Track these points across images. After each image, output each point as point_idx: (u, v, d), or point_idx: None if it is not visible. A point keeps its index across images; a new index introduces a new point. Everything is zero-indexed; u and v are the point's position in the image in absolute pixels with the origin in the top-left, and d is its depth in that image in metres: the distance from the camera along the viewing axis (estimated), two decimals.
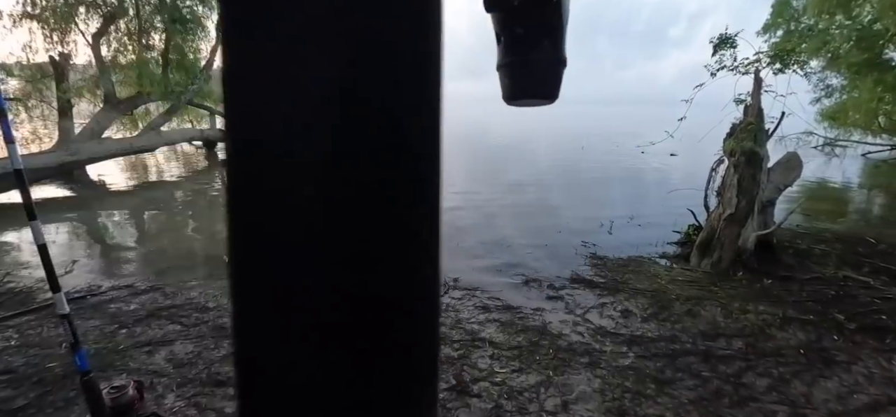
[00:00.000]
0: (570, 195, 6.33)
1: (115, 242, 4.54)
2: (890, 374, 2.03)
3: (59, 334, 2.51)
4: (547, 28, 0.22)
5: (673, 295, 2.91)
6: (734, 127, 3.52)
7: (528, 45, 0.23)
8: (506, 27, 0.23)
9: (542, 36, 0.22)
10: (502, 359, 2.24)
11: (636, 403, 1.90)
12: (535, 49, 0.23)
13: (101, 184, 7.53)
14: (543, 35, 0.22)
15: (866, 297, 2.74)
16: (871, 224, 4.50)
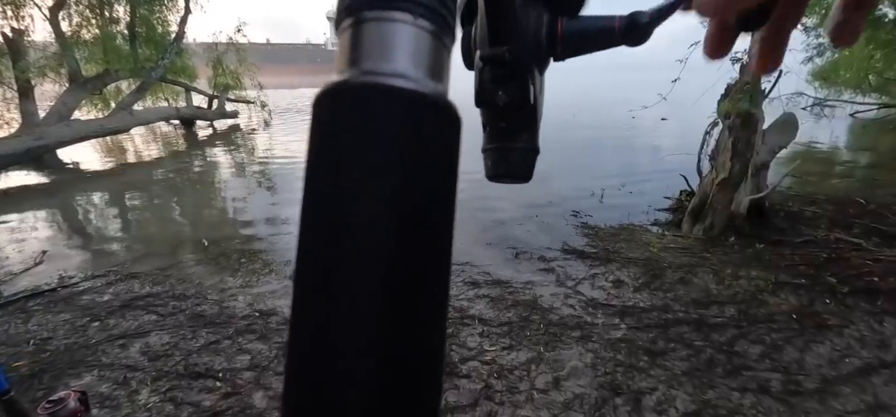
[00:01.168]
0: (561, 163, 6.21)
1: (88, 230, 4.34)
2: (882, 337, 2.02)
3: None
4: (525, 123, 0.27)
5: (665, 264, 2.86)
6: (729, 87, 3.39)
7: (509, 136, 0.27)
8: (491, 120, 0.27)
9: (521, 130, 0.27)
10: (492, 336, 2.17)
11: (628, 376, 1.86)
12: (514, 140, 0.27)
13: (74, 169, 7.19)
14: (522, 129, 0.27)
15: (858, 259, 2.72)
16: (861, 184, 4.49)
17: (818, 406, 1.67)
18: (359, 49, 0.12)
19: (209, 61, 10.69)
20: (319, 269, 0.11)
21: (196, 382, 1.95)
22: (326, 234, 0.11)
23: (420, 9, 0.12)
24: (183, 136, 10.38)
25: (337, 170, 0.11)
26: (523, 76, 0.24)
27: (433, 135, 0.12)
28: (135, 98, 8.37)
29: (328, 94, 0.11)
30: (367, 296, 0.11)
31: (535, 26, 0.25)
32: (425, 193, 0.11)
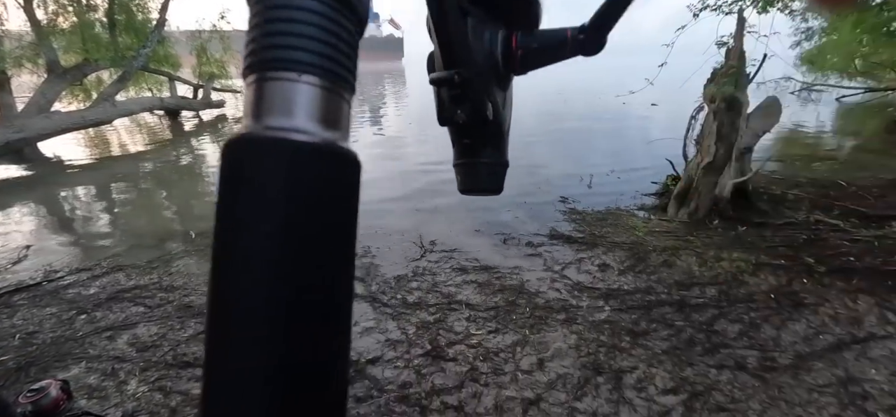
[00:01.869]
0: (550, 150, 6.23)
1: (72, 224, 4.27)
2: (855, 314, 2.09)
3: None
4: (488, 139, 0.28)
5: (650, 247, 2.91)
6: (715, 71, 3.41)
7: (474, 152, 0.28)
8: (456, 137, 0.29)
9: (486, 145, 0.28)
10: (479, 321, 2.21)
11: (611, 356, 1.91)
12: (479, 155, 0.28)
13: (56, 162, 7.03)
14: (486, 144, 0.28)
15: (836, 240, 2.79)
16: (844, 167, 4.58)
17: (791, 380, 1.74)
18: (260, 104, 0.14)
19: (193, 49, 10.43)
20: (218, 293, 0.13)
21: (185, 371, 1.96)
22: (225, 260, 0.13)
23: (315, 69, 0.13)
24: (168, 127, 10.18)
25: (231, 208, 0.13)
26: (477, 96, 0.25)
27: (321, 179, 0.13)
28: (116, 88, 8.16)
29: (231, 145, 0.13)
30: (252, 317, 0.12)
31: (488, 46, 0.26)
32: (313, 228, 0.13)
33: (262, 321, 0.12)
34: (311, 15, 0.13)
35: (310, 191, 0.13)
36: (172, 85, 10.54)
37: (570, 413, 1.63)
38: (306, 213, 0.13)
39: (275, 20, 0.13)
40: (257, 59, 0.14)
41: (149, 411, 1.74)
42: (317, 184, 0.13)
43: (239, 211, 0.13)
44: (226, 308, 0.13)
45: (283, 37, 0.13)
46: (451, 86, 0.25)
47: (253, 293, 0.12)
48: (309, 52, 0.13)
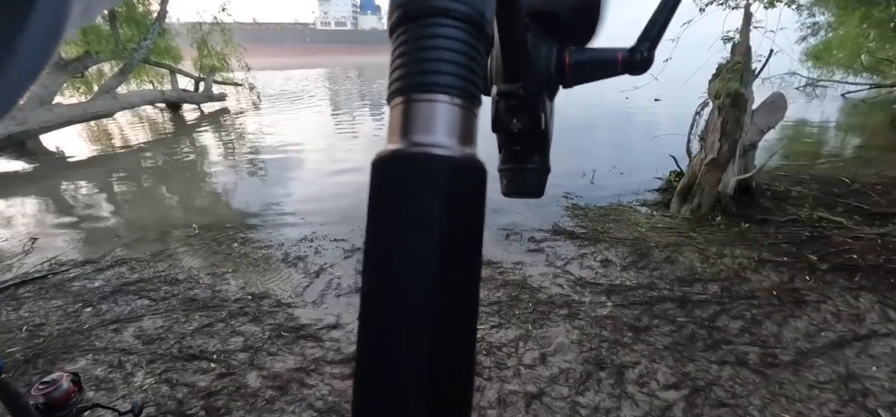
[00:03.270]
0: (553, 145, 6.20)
1: (77, 217, 4.29)
2: (856, 311, 2.09)
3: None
4: (537, 147, 0.30)
5: (652, 243, 2.92)
6: (721, 67, 3.39)
7: (522, 158, 0.30)
8: (506, 144, 0.30)
9: (534, 152, 0.30)
10: (482, 316, 2.22)
11: (613, 352, 1.92)
12: (527, 161, 0.30)
13: (59, 155, 7.05)
14: (534, 152, 0.30)
15: (839, 237, 2.79)
16: (848, 164, 4.56)
17: (792, 377, 1.75)
18: (407, 124, 0.15)
19: (194, 42, 10.39)
20: (380, 296, 0.14)
21: (190, 364, 1.98)
22: (385, 270, 0.14)
23: (455, 91, 0.15)
24: (170, 120, 10.17)
25: (391, 220, 0.14)
26: (535, 107, 0.27)
27: (463, 188, 0.15)
28: (118, 81, 8.15)
29: (384, 161, 0.15)
30: (420, 315, 0.14)
31: (545, 60, 0.27)
32: (460, 232, 0.15)
33: (427, 324, 0.14)
34: (454, 42, 0.15)
35: (461, 201, 0.15)
36: (173, 78, 10.51)
37: (573, 407, 1.65)
38: (461, 220, 0.15)
39: (423, 48, 0.15)
40: (406, 83, 0.15)
41: (156, 402, 1.76)
42: (465, 195, 0.15)
43: (400, 222, 0.14)
44: (391, 310, 0.14)
45: (435, 62, 0.15)
46: (514, 98, 0.27)
47: (424, 294, 0.14)
48: (452, 75, 0.15)
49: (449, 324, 0.14)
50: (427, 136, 0.15)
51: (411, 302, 0.14)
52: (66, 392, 0.98)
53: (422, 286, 0.14)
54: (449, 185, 0.15)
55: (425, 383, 0.14)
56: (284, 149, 6.93)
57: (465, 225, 0.15)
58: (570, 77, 0.28)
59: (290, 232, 3.46)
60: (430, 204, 0.14)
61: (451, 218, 0.14)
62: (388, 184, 0.15)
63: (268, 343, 2.09)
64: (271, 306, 2.40)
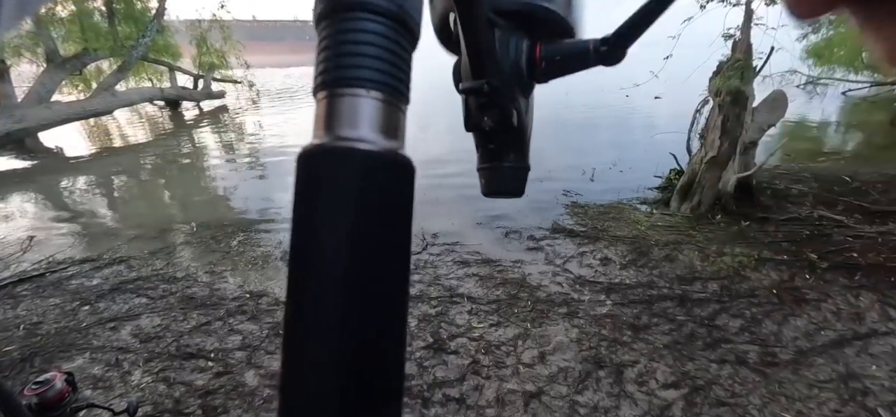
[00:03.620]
0: (553, 143, 6.20)
1: (75, 215, 4.28)
2: (857, 310, 2.09)
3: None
4: (512, 144, 0.29)
5: (652, 241, 2.91)
6: (721, 64, 3.37)
7: (498, 156, 0.30)
8: (481, 142, 0.30)
9: (509, 150, 0.30)
10: (480, 314, 2.21)
11: (612, 350, 1.92)
12: (503, 159, 0.30)
13: (58, 153, 7.03)
14: (510, 149, 0.29)
15: (839, 236, 2.78)
16: (848, 162, 4.55)
17: (792, 376, 1.74)
18: (330, 118, 0.15)
19: (193, 39, 10.35)
20: (297, 289, 0.15)
21: (188, 362, 1.97)
22: (301, 260, 0.15)
23: (377, 85, 0.15)
24: (169, 118, 10.14)
25: (307, 212, 0.15)
26: (504, 104, 0.27)
27: (385, 181, 0.15)
28: (116, 78, 8.11)
29: (306, 154, 0.15)
30: (329, 307, 0.14)
31: (514, 56, 0.27)
32: (376, 225, 0.15)
33: (339, 313, 0.14)
34: (375, 36, 0.15)
35: (379, 193, 0.15)
36: (173, 75, 10.48)
37: (572, 406, 1.64)
38: (377, 214, 0.15)
39: (344, 43, 0.15)
40: (329, 76, 0.15)
41: (153, 401, 1.76)
42: (384, 188, 0.15)
43: (317, 213, 0.14)
44: (306, 300, 0.14)
45: (352, 57, 0.15)
46: (480, 96, 0.26)
47: (332, 287, 0.14)
48: (374, 70, 0.15)
49: (359, 318, 0.14)
50: (349, 131, 0.15)
51: (322, 294, 0.14)
52: (59, 392, 0.97)
53: (331, 278, 0.14)
54: (365, 178, 0.15)
55: (331, 382, 0.14)
56: (283, 147, 6.92)
57: (384, 218, 0.15)
58: (542, 71, 0.28)
59: (289, 230, 3.45)
60: (343, 197, 0.14)
61: (367, 209, 0.15)
62: (308, 176, 0.15)
63: (266, 341, 2.09)
64: (269, 304, 2.39)
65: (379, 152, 0.15)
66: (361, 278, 0.14)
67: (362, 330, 0.14)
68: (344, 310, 0.14)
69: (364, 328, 0.14)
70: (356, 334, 0.14)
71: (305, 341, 0.14)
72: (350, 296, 0.14)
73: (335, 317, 0.14)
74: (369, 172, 0.15)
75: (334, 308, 0.14)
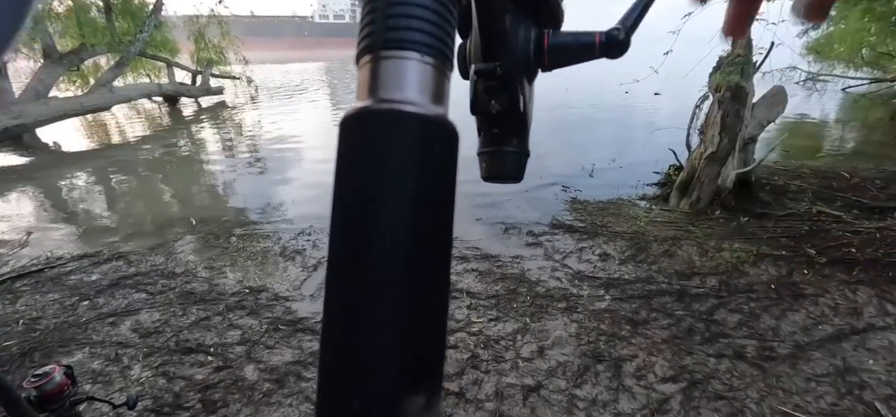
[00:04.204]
0: (552, 138, 6.19)
1: (73, 210, 4.27)
2: (854, 305, 2.09)
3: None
4: (516, 129, 0.29)
5: (651, 237, 2.91)
6: (721, 60, 3.36)
7: (501, 141, 0.29)
8: (485, 126, 0.30)
9: (513, 135, 0.29)
10: (480, 309, 2.22)
11: (610, 345, 1.92)
12: (506, 144, 0.29)
13: (56, 149, 7.01)
14: (513, 134, 0.29)
15: (838, 231, 2.78)
16: (847, 158, 4.55)
17: (789, 370, 1.75)
18: (376, 81, 0.15)
19: (191, 35, 10.30)
20: (351, 259, 0.14)
21: (188, 357, 1.98)
22: (356, 228, 0.14)
23: (425, 48, 0.15)
24: (167, 113, 10.10)
25: (363, 178, 0.14)
26: (513, 88, 0.27)
27: (436, 147, 0.15)
28: (114, 74, 8.07)
29: (354, 118, 0.14)
30: (393, 275, 0.14)
31: (523, 42, 0.27)
32: (433, 191, 0.14)
33: (400, 281, 0.14)
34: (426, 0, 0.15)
35: (433, 159, 0.15)
36: (170, 71, 10.43)
37: (570, 400, 1.65)
38: (432, 182, 0.15)
39: (393, 3, 0.15)
40: (375, 39, 0.15)
41: (153, 396, 1.76)
42: (436, 154, 0.15)
43: (374, 181, 0.14)
44: (363, 272, 0.14)
45: (404, 19, 0.15)
46: (492, 78, 0.26)
47: (392, 260, 0.14)
48: (425, 33, 0.15)
49: (422, 287, 0.14)
50: (397, 93, 0.14)
51: (384, 261, 0.13)
52: (58, 385, 0.97)
53: (395, 246, 0.14)
54: (420, 142, 0.14)
55: (396, 349, 0.13)
56: (282, 143, 6.90)
57: (437, 184, 0.15)
58: (548, 59, 0.28)
59: (288, 226, 3.45)
60: (401, 160, 0.14)
61: (424, 175, 0.14)
62: (357, 142, 0.14)
63: (265, 336, 2.09)
64: (269, 299, 2.39)
65: (434, 117, 0.15)
66: (422, 249, 0.14)
67: (422, 301, 0.14)
68: (407, 282, 0.14)
69: (423, 300, 0.14)
70: (417, 305, 0.14)
71: (363, 311, 0.13)
72: (412, 268, 0.14)
73: (399, 288, 0.14)
74: (426, 135, 0.14)
75: (398, 279, 0.14)
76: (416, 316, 0.14)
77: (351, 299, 0.14)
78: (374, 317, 0.13)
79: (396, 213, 0.14)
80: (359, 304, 0.14)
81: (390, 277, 0.14)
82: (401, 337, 0.13)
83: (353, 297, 0.14)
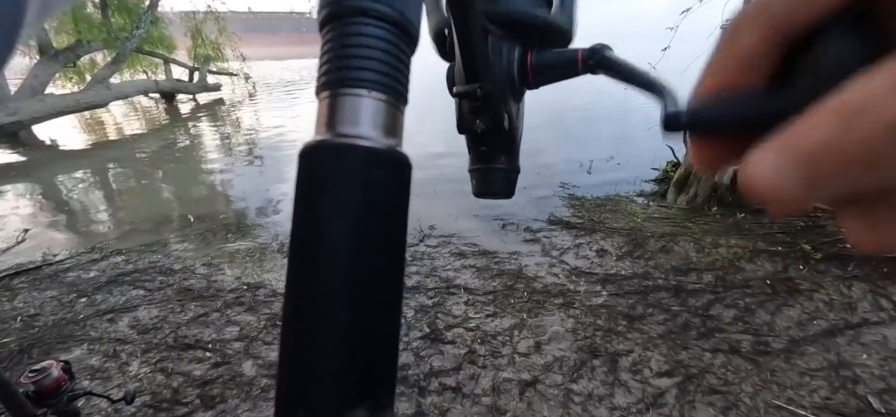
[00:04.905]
0: (550, 135, 6.19)
1: (70, 208, 4.26)
2: (849, 300, 2.11)
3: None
4: (503, 147, 0.31)
5: (648, 233, 2.92)
6: None
7: (489, 158, 0.31)
8: (473, 145, 0.31)
9: (500, 152, 0.31)
10: (477, 305, 2.23)
11: (607, 340, 1.94)
12: (494, 161, 0.31)
13: (52, 146, 6.98)
14: (501, 152, 0.31)
15: (833, 227, 2.80)
16: None
17: (784, 364, 1.76)
18: (333, 116, 0.16)
19: (187, 31, 10.23)
20: (301, 277, 0.15)
21: (186, 353, 1.98)
22: (306, 250, 0.15)
23: (378, 86, 0.16)
24: (164, 110, 10.06)
25: (314, 205, 0.15)
26: (496, 107, 0.28)
27: (384, 177, 0.16)
28: (110, 70, 8.03)
29: (311, 149, 0.16)
30: (335, 294, 0.15)
31: (506, 62, 0.28)
32: (377, 217, 0.15)
33: (345, 301, 0.15)
34: (377, 40, 0.16)
35: (380, 188, 0.16)
36: (167, 67, 10.37)
37: (566, 394, 1.66)
38: (378, 207, 0.16)
39: (348, 46, 0.16)
40: (332, 77, 0.16)
41: (151, 391, 1.77)
42: (385, 182, 0.16)
43: (322, 206, 0.15)
44: (311, 289, 0.15)
45: (355, 60, 0.16)
46: (473, 99, 0.27)
47: (337, 276, 0.15)
48: (375, 72, 0.16)
49: (363, 308, 0.15)
50: (350, 128, 0.16)
51: (327, 283, 0.15)
52: (56, 380, 0.98)
53: (337, 268, 0.15)
54: (367, 173, 0.15)
55: (337, 365, 0.14)
56: (280, 139, 6.89)
57: (384, 212, 0.16)
58: (533, 78, 0.29)
59: (286, 222, 3.45)
60: (349, 190, 0.15)
61: (370, 204, 0.15)
62: (311, 172, 0.16)
63: (263, 332, 2.09)
64: (267, 296, 2.40)
65: (380, 149, 0.16)
66: (364, 269, 0.15)
67: (365, 317, 0.15)
68: (349, 299, 0.15)
69: (367, 316, 0.15)
70: (359, 321, 0.15)
71: (310, 326, 0.14)
72: (354, 286, 0.15)
73: (341, 305, 0.15)
74: (371, 167, 0.15)
75: (340, 296, 0.15)
76: (360, 332, 0.15)
77: (300, 316, 0.15)
78: (318, 332, 0.14)
79: (340, 236, 0.15)
80: (305, 320, 0.15)
81: (333, 296, 0.14)
82: (344, 350, 0.14)
83: (301, 314, 0.15)
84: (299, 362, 0.15)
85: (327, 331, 0.14)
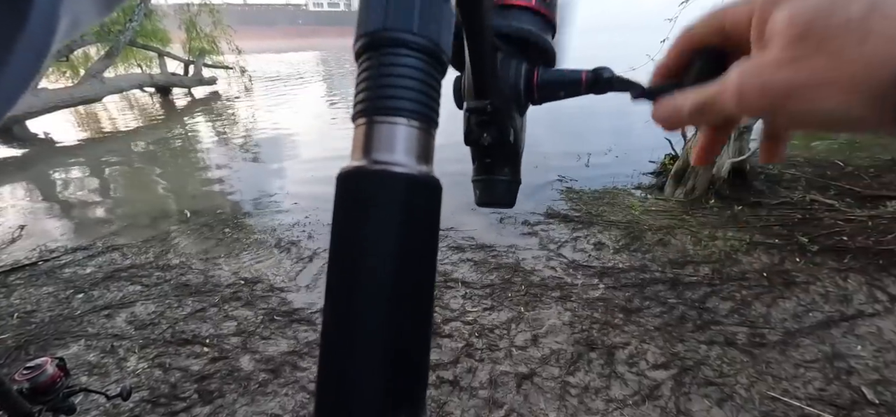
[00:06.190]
0: (548, 128, 6.17)
1: (66, 203, 4.23)
2: (845, 292, 2.12)
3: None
4: (507, 159, 0.33)
5: (645, 226, 2.92)
6: None
7: (493, 170, 0.33)
8: (478, 156, 0.33)
9: (504, 164, 0.33)
10: (474, 298, 2.23)
11: (604, 333, 1.94)
12: (498, 173, 0.33)
13: (47, 141, 6.92)
14: (504, 164, 0.33)
15: (830, 220, 2.80)
16: (842, 147, 4.56)
17: (779, 356, 1.78)
18: (370, 143, 0.17)
19: (182, 24, 10.11)
20: (343, 294, 0.16)
21: (184, 348, 1.98)
22: (348, 271, 0.16)
23: (413, 114, 0.17)
24: (159, 105, 9.97)
25: (356, 230, 0.16)
26: (503, 122, 0.29)
27: (420, 202, 0.17)
28: (104, 64, 7.94)
29: (350, 175, 0.17)
30: (376, 313, 0.16)
31: (513, 79, 0.30)
32: (415, 240, 0.17)
33: (388, 319, 0.16)
34: (412, 70, 0.17)
35: (417, 213, 0.17)
36: (162, 61, 10.26)
37: (563, 387, 1.67)
38: (414, 230, 0.17)
39: (384, 75, 0.17)
40: (370, 105, 0.17)
41: (149, 387, 1.77)
42: (420, 207, 0.17)
43: (365, 229, 0.16)
44: (353, 306, 0.16)
45: (392, 89, 0.17)
46: (483, 114, 0.29)
47: (381, 296, 0.16)
48: (411, 100, 0.17)
49: (404, 323, 0.16)
50: (387, 155, 0.17)
51: (368, 301, 0.16)
52: (51, 377, 0.97)
53: (380, 288, 0.16)
54: (406, 198, 0.16)
55: (380, 375, 0.16)
56: (277, 133, 6.84)
57: (420, 234, 0.17)
58: (538, 95, 0.30)
59: (283, 217, 3.44)
60: (389, 215, 0.16)
61: (408, 227, 0.16)
62: (351, 197, 0.17)
63: (261, 327, 2.10)
64: (264, 291, 2.40)
65: (418, 175, 0.17)
66: (404, 286, 0.16)
67: (404, 330, 0.16)
68: (390, 315, 0.16)
69: (405, 330, 0.16)
70: (399, 334, 0.16)
71: (353, 340, 0.15)
72: (395, 303, 0.16)
73: (383, 320, 0.16)
74: (410, 193, 0.17)
75: (382, 312, 0.16)
76: (400, 344, 0.16)
77: (343, 330, 0.16)
78: (360, 349, 0.15)
79: (382, 257, 0.16)
80: (347, 338, 0.16)
81: (375, 312, 0.16)
82: (387, 362, 0.16)
83: (344, 328, 0.16)
84: (343, 372, 0.16)
85: (370, 344, 0.15)
